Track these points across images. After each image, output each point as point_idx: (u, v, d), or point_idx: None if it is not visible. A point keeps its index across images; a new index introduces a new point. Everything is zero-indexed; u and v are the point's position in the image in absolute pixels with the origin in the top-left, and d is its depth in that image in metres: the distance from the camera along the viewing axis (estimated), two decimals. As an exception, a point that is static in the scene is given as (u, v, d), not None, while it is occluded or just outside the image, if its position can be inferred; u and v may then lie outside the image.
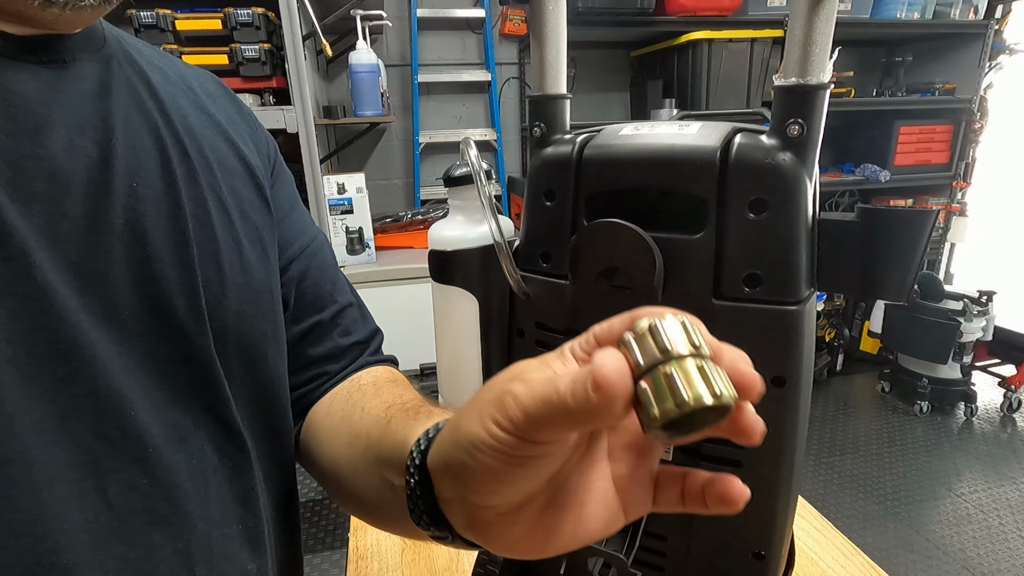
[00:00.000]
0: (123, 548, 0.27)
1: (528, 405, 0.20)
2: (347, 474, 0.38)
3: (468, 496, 0.24)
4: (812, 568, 0.60)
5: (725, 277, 0.34)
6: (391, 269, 1.88)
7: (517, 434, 0.21)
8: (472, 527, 0.25)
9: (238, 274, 0.34)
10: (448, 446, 0.25)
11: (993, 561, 1.66)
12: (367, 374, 0.45)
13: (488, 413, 0.22)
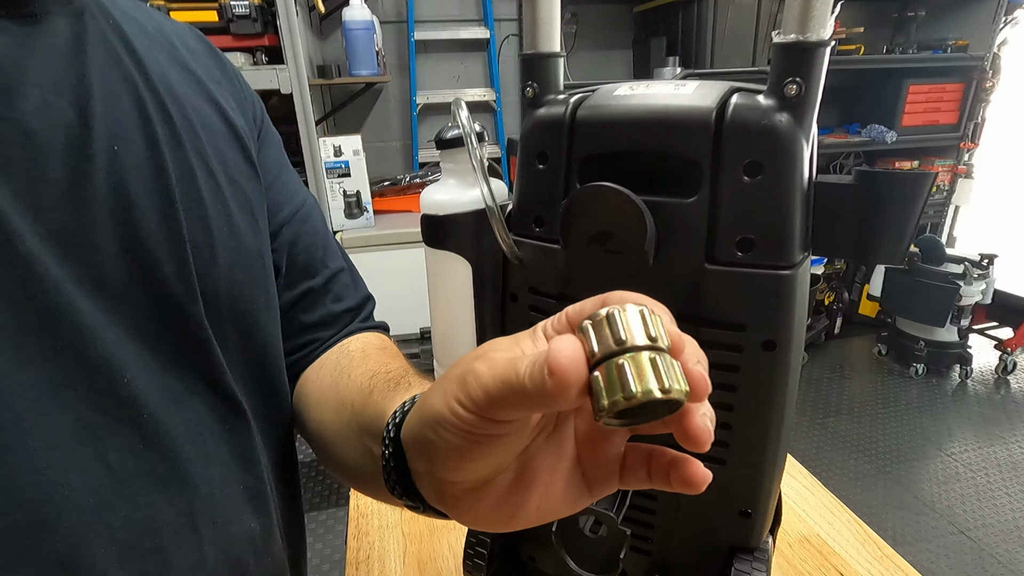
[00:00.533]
0: (128, 510, 0.27)
1: (488, 384, 0.20)
2: (333, 440, 0.38)
3: (435, 471, 0.24)
4: (800, 525, 0.62)
5: (718, 241, 0.33)
6: (390, 233, 1.87)
7: (477, 412, 0.21)
8: (441, 500, 0.26)
9: (228, 239, 0.34)
10: (415, 422, 0.25)
11: (980, 517, 1.71)
12: (356, 340, 0.45)
13: (451, 391, 0.22)
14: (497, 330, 0.44)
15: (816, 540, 0.59)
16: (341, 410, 0.37)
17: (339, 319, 0.46)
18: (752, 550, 0.41)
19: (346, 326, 0.46)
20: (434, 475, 0.25)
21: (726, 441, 0.38)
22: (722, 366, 0.36)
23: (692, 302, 0.35)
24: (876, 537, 0.60)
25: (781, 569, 0.56)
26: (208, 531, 0.31)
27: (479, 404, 0.21)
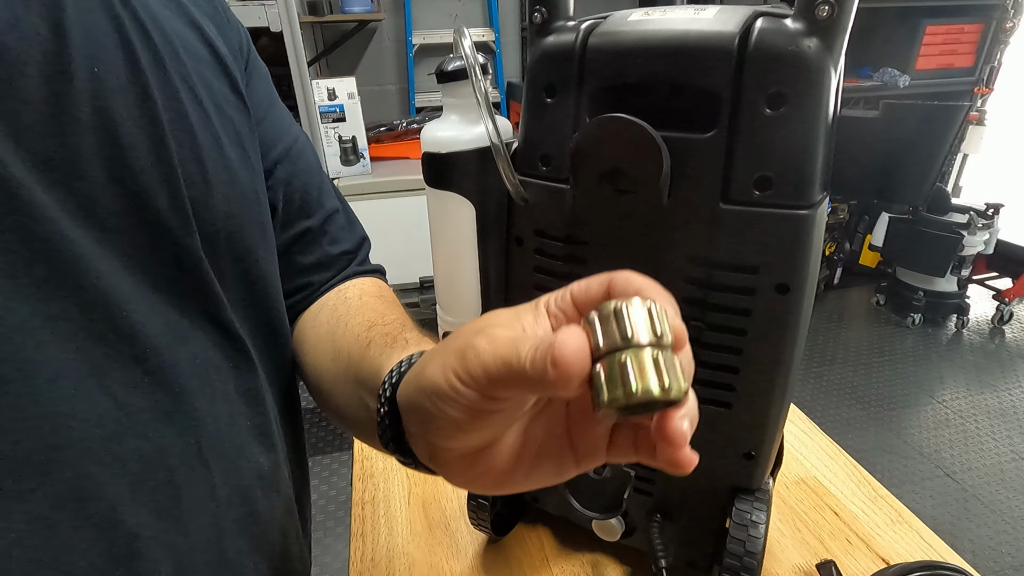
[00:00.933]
0: (137, 442, 0.27)
1: (488, 363, 0.20)
2: (329, 388, 0.38)
3: (428, 436, 0.25)
4: (798, 468, 0.63)
5: (735, 179, 0.32)
6: (387, 181, 1.83)
7: (476, 389, 0.21)
8: (433, 461, 0.27)
9: (221, 172, 0.32)
10: (412, 389, 0.25)
11: (965, 461, 1.76)
12: (353, 286, 0.44)
13: (450, 364, 0.22)
14: (501, 275, 0.43)
15: (812, 482, 0.61)
16: (338, 359, 0.37)
17: (336, 261, 0.44)
18: (753, 491, 0.41)
19: (343, 269, 0.45)
20: (427, 439, 0.25)
21: (732, 385, 0.38)
22: (733, 310, 0.35)
23: (704, 244, 0.34)
24: (871, 478, 0.61)
25: (778, 509, 0.57)
26: (217, 465, 0.31)
27: (478, 381, 0.21)
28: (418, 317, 1.93)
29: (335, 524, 1.54)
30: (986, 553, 1.47)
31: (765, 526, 0.39)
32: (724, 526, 0.42)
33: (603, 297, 0.23)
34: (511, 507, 0.54)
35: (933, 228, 2.29)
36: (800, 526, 0.55)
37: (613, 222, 0.36)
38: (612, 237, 0.37)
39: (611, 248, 0.37)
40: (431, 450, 0.26)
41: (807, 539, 0.54)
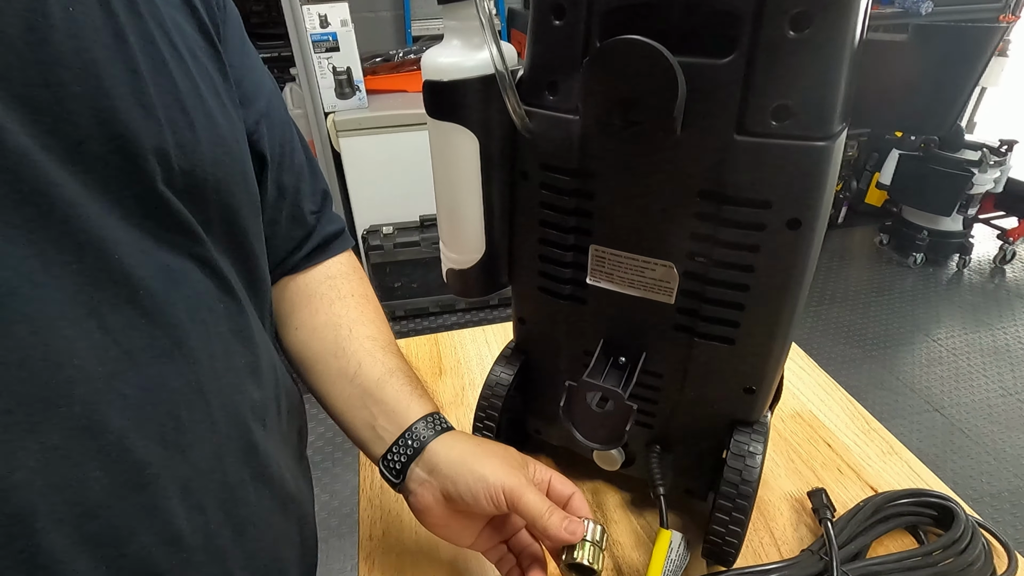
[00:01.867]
0: (139, 379, 0.27)
1: (527, 505, 0.36)
2: (323, 376, 0.44)
3: (422, 517, 0.40)
4: (795, 402, 0.64)
5: (751, 109, 0.30)
6: (385, 115, 1.78)
7: (505, 509, 0.37)
8: (411, 506, 0.40)
9: (203, 119, 0.31)
10: (462, 472, 0.38)
11: (955, 397, 1.81)
12: (341, 276, 0.47)
13: (507, 485, 0.36)
14: (506, 212, 0.42)
15: (808, 415, 0.62)
16: (339, 356, 0.43)
17: (307, 219, 0.45)
18: (752, 424, 0.42)
19: (311, 231, 0.46)
20: (421, 494, 0.39)
21: (737, 321, 0.38)
22: (741, 246, 0.35)
23: (716, 178, 0.33)
24: (864, 412, 0.62)
25: (773, 441, 0.59)
26: (215, 400, 0.31)
27: (511, 507, 0.36)
28: (418, 256, 1.92)
29: (343, 455, 1.60)
30: (967, 482, 1.53)
31: (762, 457, 0.41)
32: (722, 457, 0.43)
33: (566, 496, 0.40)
34: (515, 439, 0.56)
35: (943, 166, 2.24)
36: (794, 457, 0.57)
37: (623, 155, 0.35)
38: (621, 171, 0.36)
39: (620, 183, 0.36)
40: (414, 504, 0.40)
41: (800, 469, 0.56)
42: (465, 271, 0.44)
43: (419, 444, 0.39)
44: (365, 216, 1.95)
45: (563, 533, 0.35)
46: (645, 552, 0.47)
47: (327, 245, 0.48)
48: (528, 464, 0.40)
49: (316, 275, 0.47)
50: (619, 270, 0.39)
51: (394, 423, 0.41)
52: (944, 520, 0.47)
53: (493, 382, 0.49)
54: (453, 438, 0.40)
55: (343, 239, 0.50)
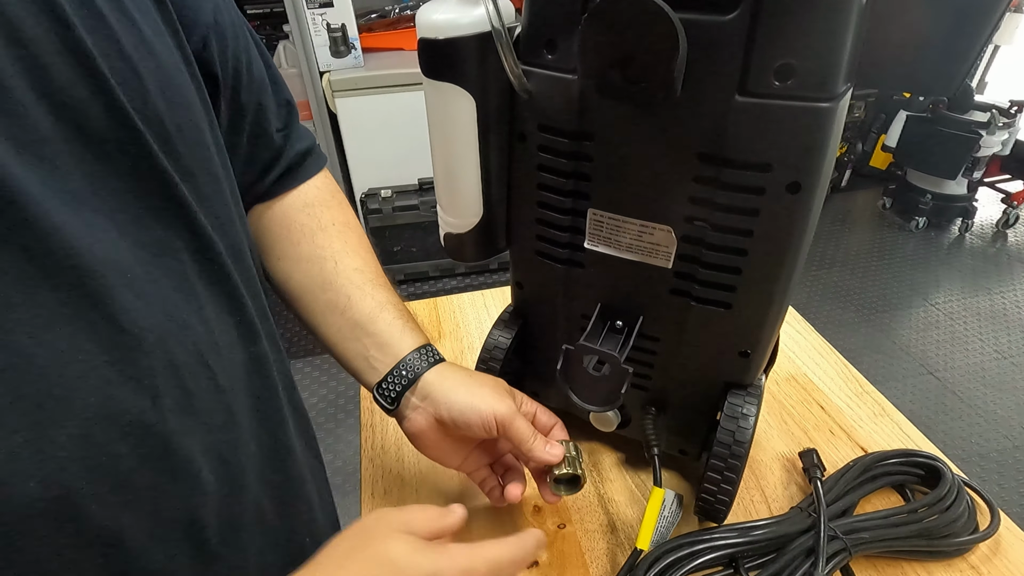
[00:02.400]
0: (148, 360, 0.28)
1: (517, 431, 0.40)
2: (311, 307, 0.44)
3: (415, 441, 0.43)
4: (789, 365, 0.65)
5: (754, 68, 0.30)
6: (382, 75, 1.73)
7: (496, 434, 0.40)
8: (404, 430, 0.43)
9: (147, 59, 0.28)
10: (456, 401, 0.40)
11: (949, 360, 1.83)
12: (319, 205, 0.46)
13: (498, 412, 0.40)
14: (503, 174, 0.42)
15: (802, 378, 0.63)
16: (326, 290, 0.44)
17: (272, 140, 0.43)
18: (746, 386, 0.43)
19: (280, 151, 0.43)
20: (415, 419, 0.42)
21: (734, 286, 0.38)
22: (740, 210, 0.34)
23: (715, 140, 0.33)
24: (858, 375, 0.63)
25: (767, 403, 0.60)
26: (216, 363, 0.31)
27: (502, 431, 0.40)
28: (417, 219, 1.91)
29: (346, 416, 1.63)
30: (956, 443, 1.57)
31: (754, 419, 0.41)
32: (716, 418, 0.44)
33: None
34: (512, 401, 0.56)
35: (951, 127, 2.20)
36: (787, 418, 0.58)
37: (622, 117, 0.34)
38: (620, 133, 0.35)
39: (619, 145, 0.36)
40: (409, 429, 0.43)
41: (792, 430, 0.57)
42: (463, 235, 0.44)
43: (413, 375, 0.41)
44: (363, 179, 1.93)
45: (546, 455, 0.40)
46: (639, 509, 0.49)
47: (299, 167, 0.46)
48: (516, 395, 0.43)
49: (293, 203, 0.45)
50: (617, 234, 0.39)
51: (387, 355, 0.42)
52: (931, 479, 0.48)
53: (491, 345, 0.49)
54: (446, 368, 0.43)
55: (316, 157, 0.47)
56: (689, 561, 0.42)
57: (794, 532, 0.43)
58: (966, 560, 0.45)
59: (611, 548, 0.46)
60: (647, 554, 0.41)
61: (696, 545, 0.42)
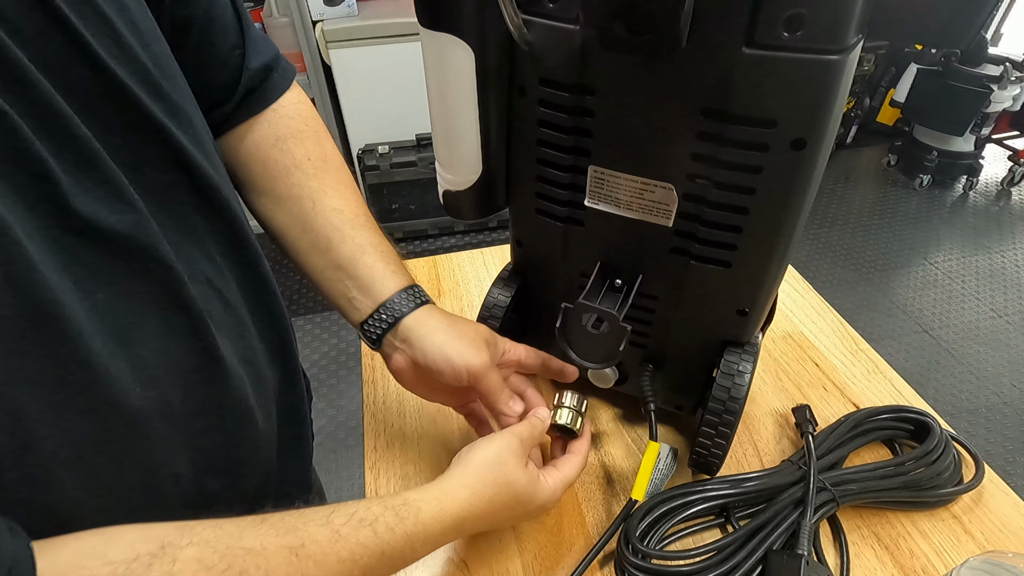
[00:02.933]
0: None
1: (487, 384, 0.42)
2: (294, 244, 0.44)
3: (397, 376, 0.45)
4: (786, 324, 0.66)
5: (763, 18, 0.29)
6: (378, 24, 1.67)
7: (465, 383, 0.42)
8: (388, 366, 0.45)
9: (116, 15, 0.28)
10: (431, 346, 0.41)
11: (945, 318, 1.84)
12: (297, 145, 0.44)
13: (472, 364, 0.41)
14: (503, 130, 0.41)
15: (799, 337, 0.64)
16: (307, 231, 0.44)
17: (226, 60, 0.40)
18: (743, 344, 0.44)
19: (238, 70, 0.40)
20: (396, 358, 0.43)
21: (734, 245, 0.37)
22: (743, 167, 0.34)
23: (720, 95, 0.32)
24: (854, 333, 0.64)
25: (762, 360, 0.61)
26: (225, 286, 0.35)
27: (473, 381, 0.42)
28: (415, 176, 1.89)
29: (347, 373, 1.66)
30: (947, 399, 1.60)
31: (750, 376, 0.42)
32: (712, 375, 0.45)
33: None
34: (512, 358, 0.57)
35: (961, 81, 2.14)
36: (781, 375, 0.59)
37: (625, 70, 0.33)
38: (623, 87, 0.34)
39: (621, 100, 0.35)
40: (392, 362, 0.44)
41: (787, 387, 0.58)
42: (462, 193, 0.44)
43: (394, 319, 0.42)
44: (359, 134, 1.90)
45: (506, 409, 0.42)
46: (635, 462, 0.50)
47: (262, 87, 0.42)
48: (497, 344, 0.44)
49: (264, 136, 0.43)
50: (618, 192, 0.39)
51: (369, 297, 0.43)
52: (920, 434, 0.49)
53: (491, 304, 0.50)
54: (427, 313, 0.43)
55: (281, 72, 0.44)
56: (682, 511, 0.43)
57: (784, 484, 0.44)
58: (949, 510, 0.47)
59: (607, 499, 0.48)
60: (642, 504, 0.43)
61: (689, 496, 0.44)
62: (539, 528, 0.46)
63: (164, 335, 0.30)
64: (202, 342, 0.32)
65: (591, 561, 0.42)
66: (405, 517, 0.32)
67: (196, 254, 0.33)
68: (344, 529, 0.30)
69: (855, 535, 0.45)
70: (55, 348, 0.24)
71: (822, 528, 0.45)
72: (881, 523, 0.46)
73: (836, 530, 0.45)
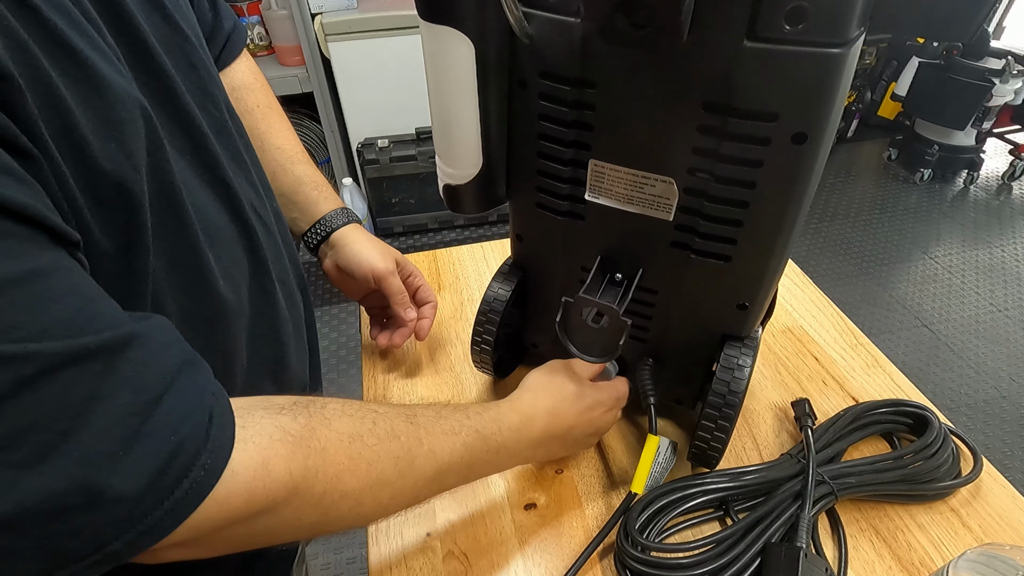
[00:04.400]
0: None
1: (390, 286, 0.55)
2: None
3: (328, 276, 0.57)
4: (786, 318, 0.66)
5: (764, 11, 0.28)
6: (377, 17, 1.66)
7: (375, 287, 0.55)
8: (322, 267, 0.57)
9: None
10: (342, 254, 0.55)
11: (945, 313, 1.84)
12: (236, 76, 0.53)
13: (384, 269, 0.54)
14: (503, 123, 0.41)
15: (798, 331, 0.64)
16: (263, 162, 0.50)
17: (206, 15, 0.47)
18: (743, 338, 0.44)
19: (213, 27, 0.49)
20: (325, 262, 0.56)
21: (735, 239, 0.37)
22: (744, 161, 0.34)
23: (722, 88, 0.32)
24: (853, 327, 0.64)
25: (762, 354, 0.61)
26: (264, 212, 0.43)
27: (376, 284, 0.55)
28: (415, 170, 1.88)
29: (347, 367, 1.66)
30: (946, 393, 1.60)
31: (749, 370, 0.42)
32: (711, 369, 0.45)
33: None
34: (512, 352, 0.57)
35: (963, 75, 2.13)
36: (781, 369, 0.59)
37: (626, 63, 0.33)
38: (624, 81, 0.34)
39: (622, 93, 0.35)
40: (323, 264, 0.56)
41: (786, 380, 0.58)
42: (462, 187, 0.43)
43: (326, 231, 0.55)
44: (358, 128, 1.89)
45: (404, 314, 0.55)
46: (635, 456, 0.50)
47: (230, 42, 0.51)
48: (403, 265, 0.56)
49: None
50: (618, 186, 0.39)
51: (307, 219, 0.55)
52: (919, 427, 0.49)
53: (491, 298, 0.50)
54: (352, 229, 0.55)
55: (239, 32, 0.53)
56: (681, 504, 0.44)
57: (783, 477, 0.44)
58: (947, 503, 0.47)
59: (607, 492, 0.48)
60: (641, 497, 0.43)
61: (688, 489, 0.44)
62: (539, 520, 0.46)
63: (231, 242, 0.37)
64: (256, 254, 0.40)
65: (591, 553, 0.42)
66: (488, 407, 0.40)
67: (244, 182, 0.40)
68: (444, 411, 0.38)
69: (853, 528, 0.45)
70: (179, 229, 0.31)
71: (821, 521, 0.45)
72: (879, 516, 0.46)
73: (835, 523, 0.45)
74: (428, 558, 0.44)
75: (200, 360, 0.28)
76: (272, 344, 0.43)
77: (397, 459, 0.33)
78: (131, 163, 0.27)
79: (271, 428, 0.28)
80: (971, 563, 0.35)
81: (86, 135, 0.24)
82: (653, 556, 0.40)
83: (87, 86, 0.25)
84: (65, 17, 0.25)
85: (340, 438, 0.30)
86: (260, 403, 0.29)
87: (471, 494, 0.48)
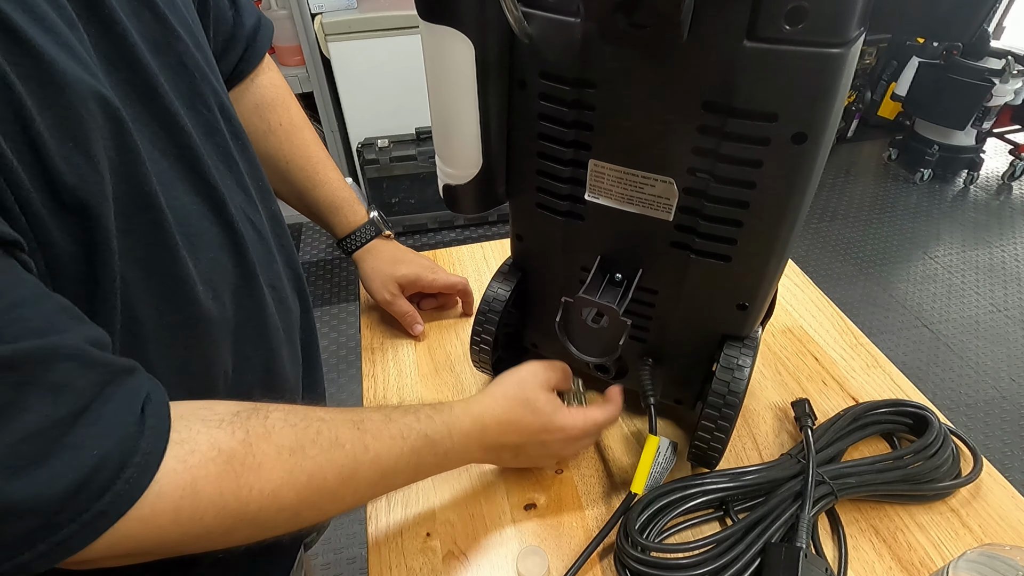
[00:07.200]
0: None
1: (396, 304, 0.62)
2: (277, 190, 0.54)
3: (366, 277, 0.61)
4: (786, 318, 0.66)
5: (764, 11, 0.28)
6: (377, 17, 1.66)
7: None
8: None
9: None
10: (382, 266, 0.61)
11: (944, 313, 1.84)
12: (258, 91, 0.53)
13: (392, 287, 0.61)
14: (503, 124, 0.41)
15: (798, 331, 0.64)
16: (285, 181, 0.57)
17: (227, 16, 0.47)
18: (743, 338, 0.44)
19: (233, 29, 0.48)
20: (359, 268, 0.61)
21: (735, 239, 0.37)
22: (744, 161, 0.34)
23: (721, 88, 0.32)
24: (853, 327, 0.64)
25: (762, 354, 0.61)
26: (255, 215, 0.42)
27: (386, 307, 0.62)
28: (415, 170, 1.88)
29: (347, 367, 1.66)
30: (946, 394, 1.60)
31: (749, 370, 0.42)
32: (711, 369, 0.45)
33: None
34: (512, 352, 0.57)
35: (963, 75, 2.13)
36: (781, 369, 0.59)
37: (626, 63, 0.33)
38: (624, 81, 0.34)
39: (622, 93, 0.35)
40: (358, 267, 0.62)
41: (786, 381, 0.58)
42: (462, 187, 0.43)
43: (358, 245, 0.61)
44: (358, 128, 1.89)
45: (409, 330, 0.62)
46: (634, 456, 0.50)
47: (254, 44, 0.51)
48: (416, 278, 0.61)
49: (245, 105, 0.53)
50: (618, 186, 0.39)
51: (341, 231, 0.61)
52: (918, 428, 0.49)
53: (490, 298, 0.50)
54: (361, 259, 0.61)
55: (265, 28, 0.52)
56: (681, 504, 0.44)
57: (783, 477, 0.44)
58: (947, 503, 0.47)
59: (607, 492, 0.48)
60: (641, 497, 0.43)
61: (688, 489, 0.44)
62: (539, 520, 0.46)
63: (215, 246, 0.36)
64: (243, 258, 0.39)
65: (591, 554, 0.42)
66: (440, 409, 0.40)
67: (233, 185, 0.40)
68: (394, 414, 0.37)
69: (853, 528, 0.45)
70: (154, 232, 0.31)
71: (821, 521, 0.45)
72: (879, 516, 0.46)
73: (835, 523, 0.45)
74: (428, 558, 0.44)
75: (138, 369, 0.27)
76: (261, 350, 0.42)
77: (341, 468, 0.33)
78: (91, 164, 0.26)
79: (206, 445, 0.27)
80: (971, 563, 0.35)
81: (42, 132, 0.24)
82: (653, 556, 0.40)
83: (43, 82, 0.24)
84: (25, 11, 0.24)
85: (279, 452, 0.30)
86: (200, 413, 0.29)
87: (471, 494, 0.48)
